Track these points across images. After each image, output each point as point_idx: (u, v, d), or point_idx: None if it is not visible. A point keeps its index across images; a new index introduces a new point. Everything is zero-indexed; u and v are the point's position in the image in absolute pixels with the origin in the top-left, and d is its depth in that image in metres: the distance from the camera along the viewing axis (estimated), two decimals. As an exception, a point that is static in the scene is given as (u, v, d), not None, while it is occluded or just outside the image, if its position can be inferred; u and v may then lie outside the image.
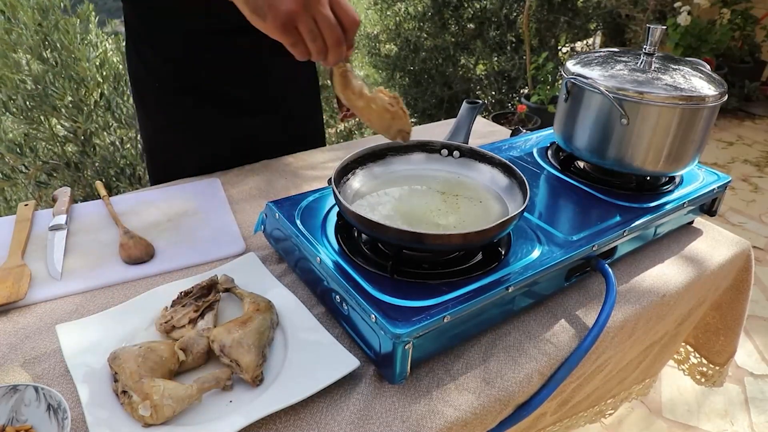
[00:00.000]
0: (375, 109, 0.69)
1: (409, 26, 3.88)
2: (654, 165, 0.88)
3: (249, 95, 1.13)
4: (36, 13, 1.79)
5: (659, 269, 0.87)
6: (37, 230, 0.90)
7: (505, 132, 1.37)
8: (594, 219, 0.83)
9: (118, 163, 2.06)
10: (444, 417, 0.61)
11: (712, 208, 0.98)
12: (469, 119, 1.00)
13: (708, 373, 1.06)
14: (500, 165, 0.83)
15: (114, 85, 2.00)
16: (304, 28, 0.61)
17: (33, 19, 1.79)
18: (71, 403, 0.59)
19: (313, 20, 0.61)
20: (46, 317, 0.73)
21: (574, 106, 0.92)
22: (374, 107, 0.69)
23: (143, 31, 1.07)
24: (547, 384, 0.69)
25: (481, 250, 0.73)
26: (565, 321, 0.75)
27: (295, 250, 0.77)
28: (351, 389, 0.63)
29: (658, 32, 0.89)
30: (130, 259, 0.83)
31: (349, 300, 0.65)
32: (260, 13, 0.61)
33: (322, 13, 0.61)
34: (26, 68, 1.85)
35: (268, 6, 0.61)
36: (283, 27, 0.61)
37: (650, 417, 1.68)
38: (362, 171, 0.83)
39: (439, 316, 0.61)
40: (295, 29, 0.62)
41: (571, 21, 3.81)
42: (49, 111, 1.87)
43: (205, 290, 0.71)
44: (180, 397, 0.57)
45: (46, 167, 1.94)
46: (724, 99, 0.86)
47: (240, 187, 1.07)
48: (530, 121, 3.31)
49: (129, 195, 1.04)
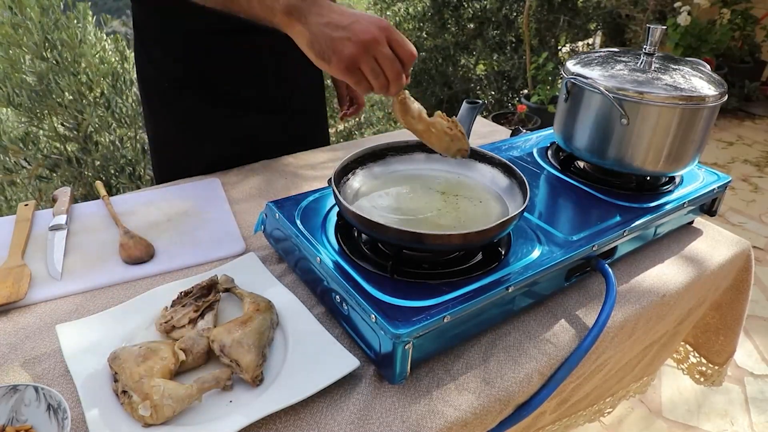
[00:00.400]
0: (435, 133, 0.74)
1: (409, 26, 3.88)
2: (654, 165, 0.88)
3: (254, 94, 1.14)
4: (39, 13, 1.80)
5: (659, 269, 0.87)
6: (37, 230, 0.90)
7: (505, 132, 1.37)
8: (594, 219, 0.83)
9: (118, 161, 2.06)
10: (444, 417, 0.61)
11: (712, 208, 0.98)
12: (469, 119, 1.00)
13: (707, 373, 1.06)
14: (500, 165, 0.83)
15: (112, 84, 2.00)
16: (366, 68, 0.66)
17: (38, 17, 1.80)
18: (71, 403, 0.59)
19: (374, 59, 0.66)
20: (46, 317, 0.73)
21: (574, 106, 0.92)
22: (434, 131, 0.74)
23: (151, 31, 1.08)
24: (547, 384, 0.69)
25: (481, 250, 0.73)
26: (565, 321, 0.75)
27: (295, 250, 0.77)
28: (351, 389, 0.63)
29: (658, 32, 0.89)
30: (130, 259, 0.83)
31: (349, 300, 0.65)
32: (325, 57, 0.66)
33: (382, 52, 0.66)
34: (30, 65, 1.85)
35: (332, 51, 0.66)
36: (347, 69, 0.66)
37: (650, 417, 1.68)
38: (362, 171, 0.83)
39: (439, 316, 0.61)
40: (358, 69, 0.67)
41: (571, 21, 3.82)
42: (53, 107, 1.87)
43: (205, 290, 0.71)
44: (180, 397, 0.57)
45: (48, 162, 1.94)
46: (724, 99, 0.86)
47: (240, 187, 1.07)
48: (530, 121, 3.31)
49: (129, 195, 1.04)
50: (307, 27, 0.67)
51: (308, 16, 0.67)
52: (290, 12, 0.68)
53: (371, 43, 0.65)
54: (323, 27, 0.66)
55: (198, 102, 1.11)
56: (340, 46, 0.65)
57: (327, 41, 0.66)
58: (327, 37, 0.66)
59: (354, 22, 0.66)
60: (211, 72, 1.09)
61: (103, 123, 1.99)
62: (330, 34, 0.66)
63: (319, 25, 0.67)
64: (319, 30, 0.66)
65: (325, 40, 0.66)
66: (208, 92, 1.10)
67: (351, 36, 0.65)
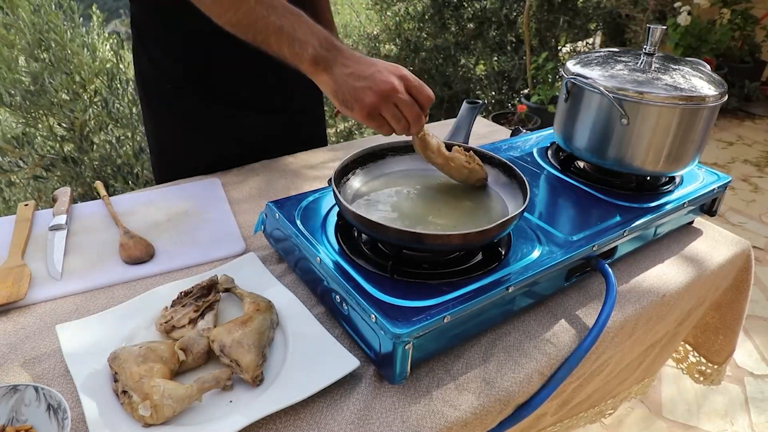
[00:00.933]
0: (454, 166, 0.79)
1: (409, 26, 3.88)
2: (654, 165, 0.88)
3: (254, 94, 1.14)
4: (30, 12, 1.79)
5: (659, 269, 0.87)
6: (37, 230, 0.90)
7: (505, 132, 1.37)
8: (594, 219, 0.83)
9: (115, 161, 2.06)
10: (444, 417, 0.61)
11: (712, 208, 0.98)
12: (469, 119, 1.00)
13: (706, 372, 1.06)
14: (500, 165, 0.83)
15: (108, 83, 2.00)
16: (388, 114, 0.72)
17: (29, 17, 1.79)
18: (71, 403, 0.59)
19: (395, 106, 0.71)
20: (46, 317, 0.73)
21: (574, 106, 0.92)
22: (453, 164, 0.79)
23: (150, 31, 1.08)
24: (547, 384, 0.69)
25: (481, 250, 0.73)
26: (565, 321, 0.75)
27: (295, 250, 0.77)
28: (351, 389, 0.63)
29: (658, 32, 0.89)
30: (130, 259, 0.83)
31: (349, 300, 0.65)
32: (348, 105, 0.72)
33: (401, 99, 0.71)
34: (24, 66, 1.85)
35: (354, 100, 0.71)
36: (369, 116, 0.72)
37: (650, 417, 1.68)
38: (362, 171, 0.83)
39: (439, 316, 0.61)
40: (379, 116, 0.72)
41: (571, 21, 3.81)
42: (47, 107, 1.87)
43: (205, 290, 0.71)
44: (180, 397, 0.57)
45: (44, 161, 1.94)
46: (724, 99, 0.86)
47: (240, 187, 1.07)
48: (530, 121, 3.31)
49: (129, 195, 1.04)
50: (332, 77, 0.72)
51: (333, 67, 0.72)
52: (317, 62, 0.72)
53: (391, 92, 0.70)
54: (347, 77, 0.71)
55: (198, 102, 1.11)
56: (362, 95, 0.70)
57: (350, 91, 0.71)
58: (350, 87, 0.71)
59: (375, 72, 0.70)
60: (211, 72, 1.09)
61: (99, 123, 1.99)
62: (353, 84, 0.71)
63: (343, 76, 0.72)
64: (343, 80, 0.71)
65: (349, 90, 0.71)
66: (208, 92, 1.10)
67: (372, 86, 0.70)
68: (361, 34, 4.04)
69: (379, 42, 4.02)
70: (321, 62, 0.72)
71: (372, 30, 4.07)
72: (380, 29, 4.03)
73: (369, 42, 4.02)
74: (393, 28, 3.91)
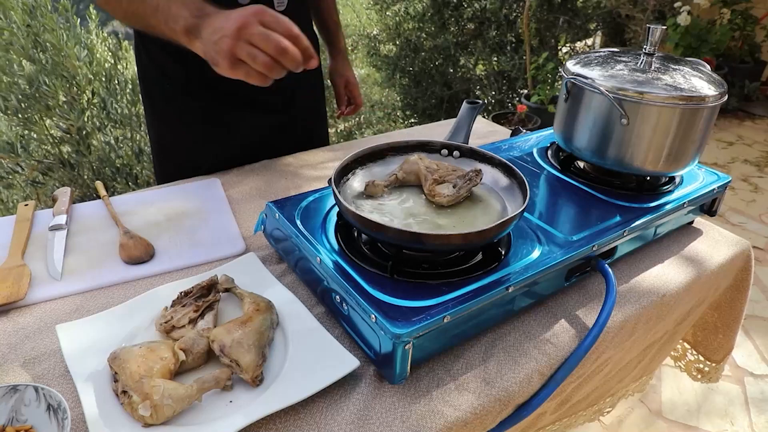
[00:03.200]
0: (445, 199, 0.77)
1: (409, 26, 3.88)
2: (654, 165, 0.88)
3: (255, 95, 1.14)
4: (24, 14, 1.79)
5: (659, 269, 0.87)
6: (37, 230, 0.90)
7: (505, 132, 1.37)
8: (594, 219, 0.83)
9: (114, 162, 2.06)
10: (444, 417, 0.61)
11: (712, 208, 0.98)
12: (469, 119, 1.00)
13: (704, 370, 1.06)
14: (500, 165, 0.83)
15: (107, 85, 1.99)
16: (243, 55, 0.65)
17: (22, 19, 1.79)
18: (71, 403, 0.59)
19: (249, 44, 0.65)
20: (46, 317, 0.73)
21: (574, 106, 0.92)
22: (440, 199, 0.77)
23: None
24: (547, 384, 0.69)
25: (481, 250, 0.73)
26: (565, 321, 0.75)
27: (295, 250, 0.77)
28: (351, 389, 0.63)
29: (658, 32, 0.89)
30: (130, 259, 0.83)
31: (349, 300, 0.65)
32: (215, 62, 0.68)
33: (254, 34, 0.65)
34: (19, 69, 1.84)
35: (216, 53, 0.66)
36: (231, 66, 0.66)
37: (650, 417, 1.68)
38: (362, 171, 0.83)
39: (439, 316, 0.61)
40: (239, 61, 0.66)
41: (571, 21, 3.81)
42: (43, 110, 1.86)
43: (205, 290, 0.71)
44: (180, 397, 0.57)
45: (41, 166, 1.94)
46: (724, 99, 0.86)
47: (240, 187, 1.07)
48: (530, 121, 3.31)
49: (129, 195, 1.04)
50: (201, 41, 0.70)
51: (201, 32, 0.69)
52: (189, 32, 0.70)
53: (240, 30, 0.64)
54: (209, 35, 0.68)
55: (199, 102, 1.11)
56: (219, 45, 0.66)
57: (212, 46, 0.67)
58: (211, 43, 0.67)
59: (228, 20, 0.66)
60: (212, 73, 1.09)
61: (98, 123, 1.98)
62: (212, 39, 0.67)
63: (207, 36, 0.68)
64: (207, 39, 0.68)
65: (211, 47, 0.67)
66: (209, 93, 1.10)
67: (224, 33, 0.65)
68: (361, 34, 4.04)
69: (379, 42, 4.02)
70: (192, 31, 0.70)
71: (372, 30, 4.07)
72: (380, 29, 4.03)
73: (369, 42, 4.02)
74: (393, 28, 3.91)
